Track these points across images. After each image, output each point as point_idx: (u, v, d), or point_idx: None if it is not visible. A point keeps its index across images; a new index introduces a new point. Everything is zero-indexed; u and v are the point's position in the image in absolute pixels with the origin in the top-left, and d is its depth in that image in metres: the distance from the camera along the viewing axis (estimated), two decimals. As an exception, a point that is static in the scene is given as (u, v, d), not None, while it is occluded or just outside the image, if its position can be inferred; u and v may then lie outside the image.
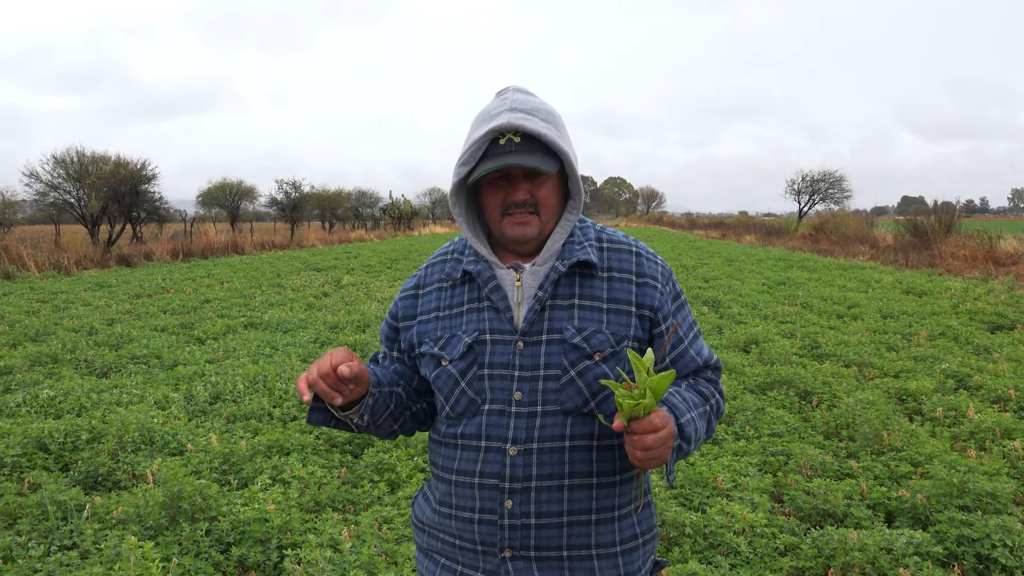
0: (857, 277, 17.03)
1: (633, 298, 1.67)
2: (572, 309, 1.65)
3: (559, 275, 1.65)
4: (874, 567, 3.53)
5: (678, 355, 1.73)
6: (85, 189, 28.63)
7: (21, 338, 9.95)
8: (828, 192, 50.45)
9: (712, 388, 1.74)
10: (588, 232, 1.73)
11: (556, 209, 1.69)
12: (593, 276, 1.68)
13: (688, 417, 1.59)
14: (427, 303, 1.76)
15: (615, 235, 1.76)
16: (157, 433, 5.39)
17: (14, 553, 3.73)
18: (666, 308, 1.70)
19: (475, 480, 1.63)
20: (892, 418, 5.71)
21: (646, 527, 1.74)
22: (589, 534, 1.63)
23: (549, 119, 1.64)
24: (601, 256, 1.70)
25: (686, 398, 1.64)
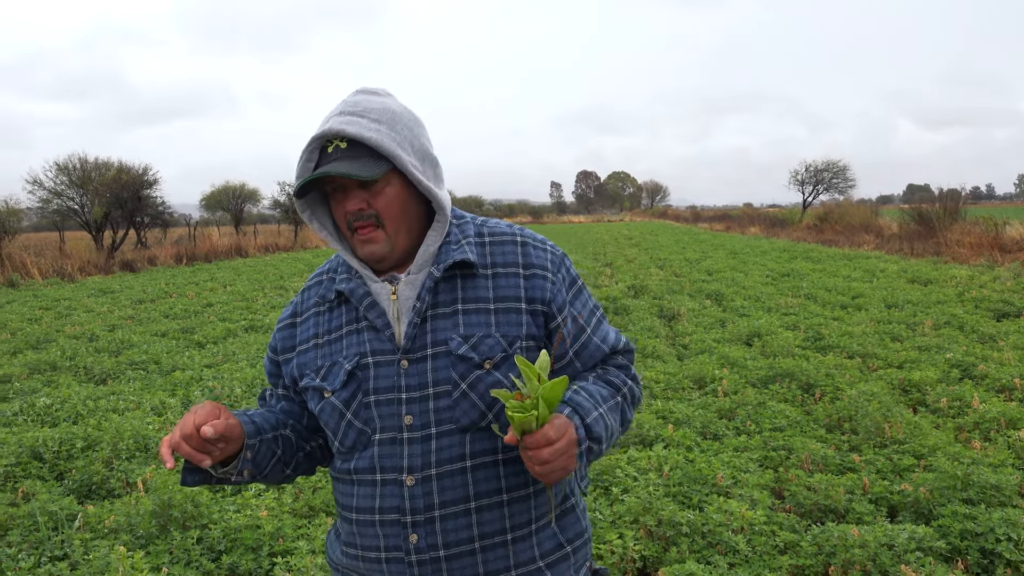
0: (862, 267, 16.92)
1: (522, 293, 1.53)
2: (456, 316, 1.51)
3: (435, 281, 1.51)
4: (875, 564, 3.47)
5: (581, 346, 1.59)
6: (88, 195, 28.70)
7: (22, 346, 9.94)
8: (832, 182, 50.30)
9: (624, 375, 1.61)
10: (467, 228, 1.59)
11: (408, 216, 1.54)
12: (475, 276, 1.54)
13: (596, 415, 1.45)
14: (305, 331, 1.63)
15: (497, 226, 1.62)
16: (152, 440, 5.36)
17: (3, 565, 3.69)
18: (560, 298, 1.56)
19: (375, 517, 1.50)
20: (895, 410, 5.63)
21: (573, 533, 1.59)
22: (507, 555, 1.49)
23: (382, 118, 1.49)
24: (483, 252, 1.56)
25: (593, 392, 1.50)
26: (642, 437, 5.32)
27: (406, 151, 1.49)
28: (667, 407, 5.95)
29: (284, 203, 41.92)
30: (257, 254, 30.95)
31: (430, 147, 1.57)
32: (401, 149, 1.48)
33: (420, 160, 1.52)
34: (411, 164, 1.48)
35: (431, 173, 1.54)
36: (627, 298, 12.51)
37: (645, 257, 22.57)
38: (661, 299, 12.45)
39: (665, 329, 9.94)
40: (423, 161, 1.53)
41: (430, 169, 1.55)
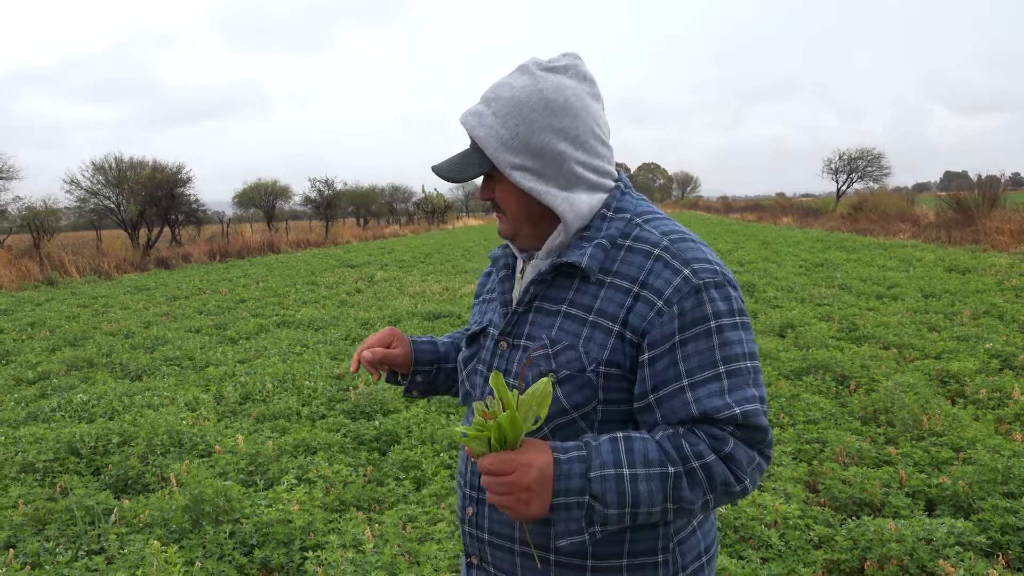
0: (897, 256, 16.63)
1: (622, 313, 1.35)
2: (557, 316, 1.41)
3: (543, 275, 1.44)
4: (912, 559, 3.39)
5: (665, 396, 1.32)
6: (124, 194, 29.17)
7: (60, 343, 10.13)
8: (866, 170, 49.47)
9: (705, 447, 1.28)
10: (613, 225, 1.43)
11: (529, 210, 1.45)
12: (590, 281, 1.40)
13: (611, 473, 1.25)
14: (482, 285, 1.73)
15: (649, 233, 1.41)
16: (186, 435, 5.42)
17: (42, 558, 3.76)
18: (658, 332, 1.32)
19: (458, 478, 1.57)
20: (933, 401, 5.52)
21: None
22: (547, 572, 1.41)
23: (502, 111, 1.39)
24: (608, 257, 1.40)
25: (633, 448, 1.27)
26: (673, 430, 5.27)
27: (513, 151, 1.39)
28: (698, 400, 5.88)
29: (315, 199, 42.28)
30: (289, 250, 31.22)
31: (558, 141, 1.39)
32: (506, 150, 1.39)
33: (536, 158, 1.39)
34: (511, 166, 1.39)
35: (552, 171, 1.40)
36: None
37: (676, 249, 22.36)
38: (692, 291, 12.32)
39: (696, 321, 9.83)
40: (540, 158, 1.39)
41: (554, 167, 1.40)
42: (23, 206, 26.95)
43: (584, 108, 1.40)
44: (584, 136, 1.41)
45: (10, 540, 4.00)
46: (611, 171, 1.48)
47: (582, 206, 1.42)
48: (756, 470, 1.31)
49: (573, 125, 1.39)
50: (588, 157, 1.42)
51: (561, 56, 1.45)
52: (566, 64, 1.43)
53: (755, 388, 1.31)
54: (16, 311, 13.93)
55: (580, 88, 1.41)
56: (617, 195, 1.47)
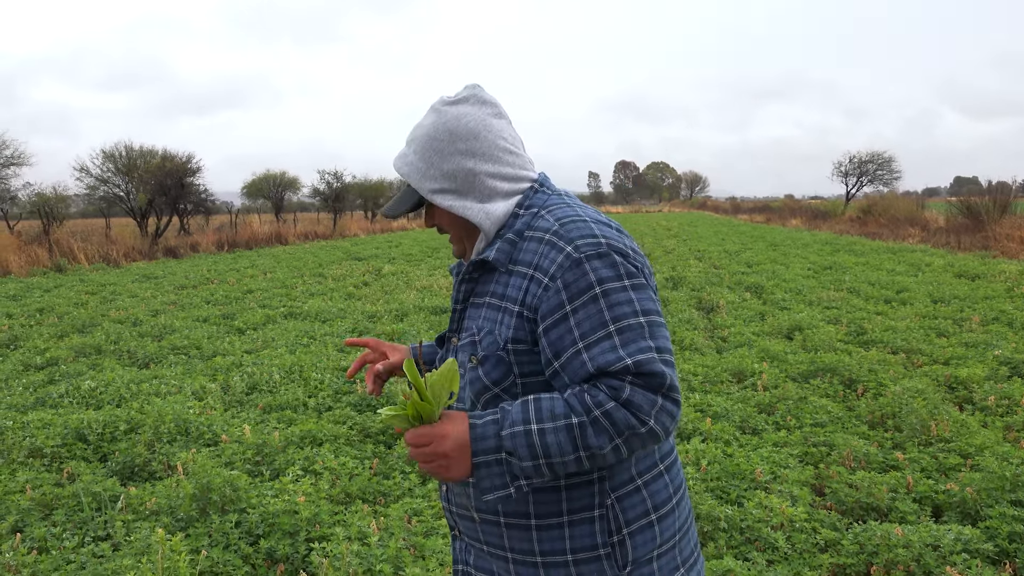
0: (906, 260, 16.57)
1: (520, 295, 1.52)
2: (483, 307, 1.60)
3: (468, 274, 1.63)
4: (919, 564, 3.38)
5: (565, 361, 1.46)
6: (133, 183, 29.23)
7: (68, 330, 10.16)
8: (877, 173, 49.28)
9: (604, 396, 1.40)
10: (520, 221, 1.60)
11: (458, 226, 1.65)
12: (501, 272, 1.58)
13: (516, 430, 1.40)
14: None
15: (543, 220, 1.57)
16: (193, 424, 5.43)
17: (49, 544, 3.77)
18: (546, 306, 1.47)
19: None
20: (941, 407, 5.50)
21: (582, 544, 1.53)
22: (501, 535, 1.58)
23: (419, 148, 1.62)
24: (512, 249, 1.57)
25: (542, 407, 1.42)
26: (680, 430, 5.26)
27: (431, 178, 1.60)
28: (705, 400, 5.88)
29: (323, 191, 42.30)
30: (296, 242, 31.27)
31: (465, 160, 1.59)
32: (425, 179, 1.60)
33: (450, 180, 1.59)
34: (431, 191, 1.60)
35: (466, 187, 1.60)
36: (665, 290, 12.39)
37: (684, 248, 22.35)
38: (700, 291, 12.32)
39: (704, 321, 9.83)
40: (454, 179, 1.59)
41: (467, 184, 1.59)
42: (33, 192, 27.07)
43: (486, 128, 1.60)
44: (489, 150, 1.60)
45: (17, 524, 4.02)
46: (524, 175, 1.65)
47: (497, 212, 1.60)
48: (662, 412, 1.41)
49: (476, 144, 1.59)
50: (498, 167, 1.61)
51: (463, 89, 1.65)
52: (466, 95, 1.63)
53: (650, 340, 1.43)
54: (25, 297, 13.99)
55: (480, 111, 1.61)
56: (530, 193, 1.63)
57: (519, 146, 1.67)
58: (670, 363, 1.44)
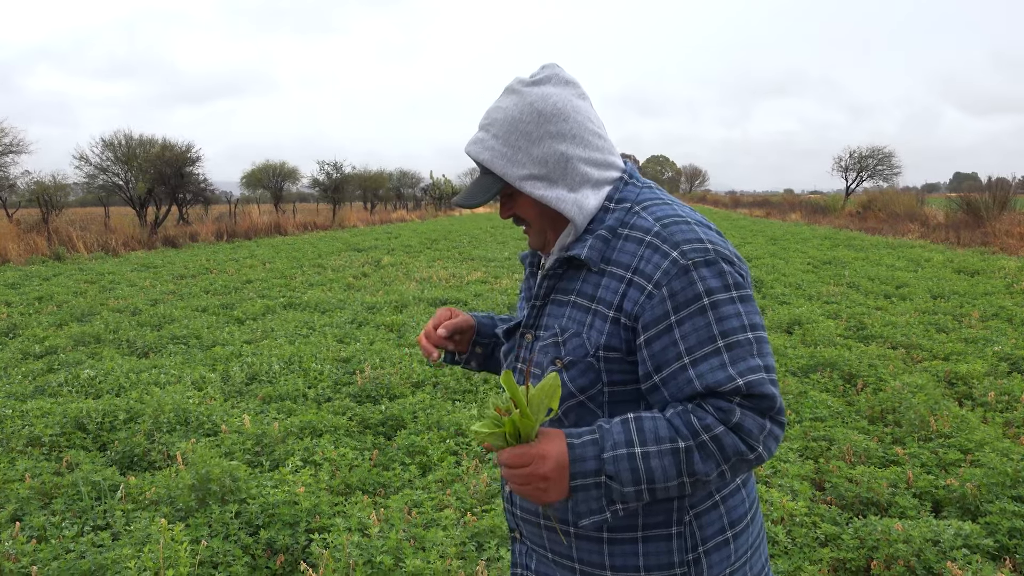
0: (906, 256, 16.57)
1: (617, 299, 1.42)
2: (567, 306, 1.51)
3: (553, 269, 1.54)
4: (919, 560, 3.38)
5: (668, 376, 1.37)
6: (132, 171, 29.14)
7: (67, 318, 10.14)
8: (877, 169, 49.21)
9: (712, 420, 1.32)
10: (613, 216, 1.50)
11: (548, 216, 1.54)
12: (592, 271, 1.48)
13: (622, 453, 1.32)
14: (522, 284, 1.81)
15: (642, 219, 1.46)
16: (192, 414, 5.43)
17: (48, 533, 3.77)
18: (650, 315, 1.38)
19: None
20: (941, 403, 5.50)
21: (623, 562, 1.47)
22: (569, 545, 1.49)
23: (500, 131, 1.50)
24: (606, 247, 1.48)
25: (644, 428, 1.34)
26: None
27: (519, 164, 1.49)
28: (705, 394, 5.87)
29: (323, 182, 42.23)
30: (296, 232, 31.22)
31: (557, 144, 1.48)
32: (513, 165, 1.49)
33: (541, 165, 1.49)
34: (520, 178, 1.49)
35: (558, 173, 1.49)
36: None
37: (683, 242, 22.32)
38: (699, 285, 12.30)
39: (703, 315, 9.81)
40: (544, 164, 1.48)
41: (560, 169, 1.49)
42: (32, 180, 26.98)
43: (574, 109, 1.50)
44: (580, 133, 1.50)
45: (16, 513, 4.01)
46: (614, 162, 1.55)
47: (589, 203, 1.50)
48: (769, 437, 1.34)
49: (567, 126, 1.49)
50: (589, 152, 1.50)
51: (541, 69, 1.55)
52: (547, 75, 1.52)
53: (759, 358, 1.35)
54: (24, 285, 13.96)
55: (565, 92, 1.51)
56: (620, 186, 1.54)
57: (605, 131, 1.56)
58: (776, 383, 1.36)
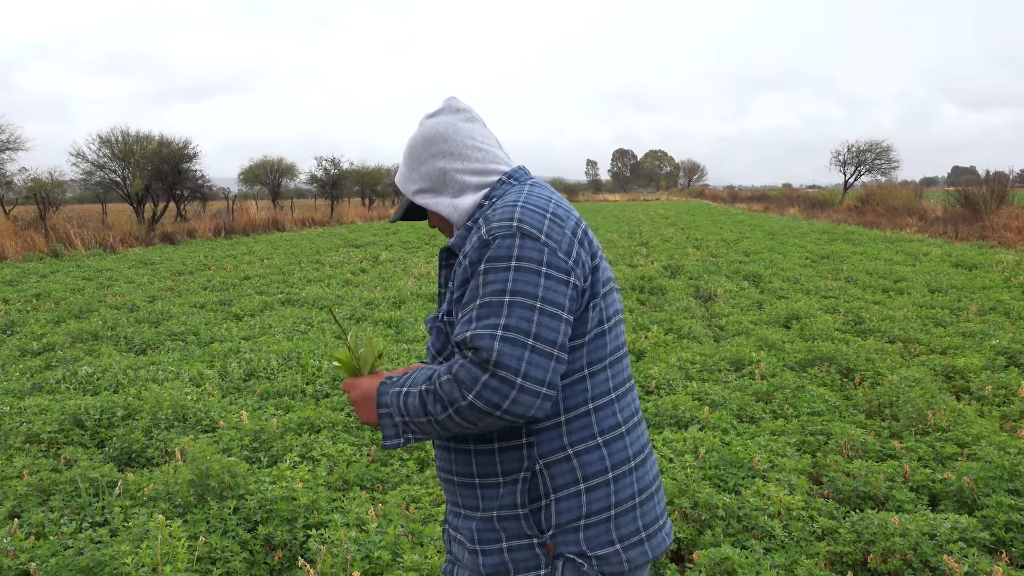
0: (904, 250, 16.58)
1: (455, 279, 1.67)
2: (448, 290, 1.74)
3: (441, 259, 1.79)
4: (916, 553, 3.39)
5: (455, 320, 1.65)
6: (130, 168, 29.09)
7: (65, 315, 10.14)
8: (875, 163, 49.17)
9: (444, 368, 1.54)
10: (482, 212, 1.72)
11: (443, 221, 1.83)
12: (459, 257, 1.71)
13: (395, 391, 1.62)
14: None
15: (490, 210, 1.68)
16: (190, 410, 5.43)
17: (46, 529, 3.77)
18: (457, 281, 1.64)
19: None
20: (938, 397, 5.51)
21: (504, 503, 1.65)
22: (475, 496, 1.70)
23: (405, 159, 1.84)
24: (468, 235, 1.70)
25: (417, 374, 1.62)
26: (677, 419, 5.27)
27: (412, 182, 1.82)
28: (703, 389, 5.88)
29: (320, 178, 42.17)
30: (294, 228, 31.20)
31: (437, 161, 1.78)
32: (409, 183, 1.82)
33: (427, 180, 1.79)
34: (412, 192, 1.81)
35: (440, 185, 1.78)
36: (663, 278, 12.39)
37: (681, 237, 22.34)
38: (697, 279, 12.31)
39: (701, 310, 9.83)
40: (430, 179, 1.79)
41: (440, 182, 1.78)
42: (29, 177, 26.94)
43: (456, 131, 1.79)
44: (459, 150, 1.77)
45: (15, 510, 4.01)
46: (494, 168, 1.78)
47: (464, 204, 1.76)
48: (485, 388, 1.47)
49: (447, 146, 1.78)
50: (467, 163, 1.77)
51: (441, 103, 1.86)
52: (443, 107, 1.84)
53: (501, 319, 1.49)
54: (21, 282, 13.94)
55: (452, 118, 1.81)
56: (497, 186, 1.76)
57: (491, 144, 1.82)
58: (514, 342, 1.47)
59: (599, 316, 1.65)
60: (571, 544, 1.61)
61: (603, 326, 1.65)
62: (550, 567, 1.61)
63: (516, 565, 1.62)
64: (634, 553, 1.65)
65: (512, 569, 1.63)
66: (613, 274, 1.83)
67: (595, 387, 1.65)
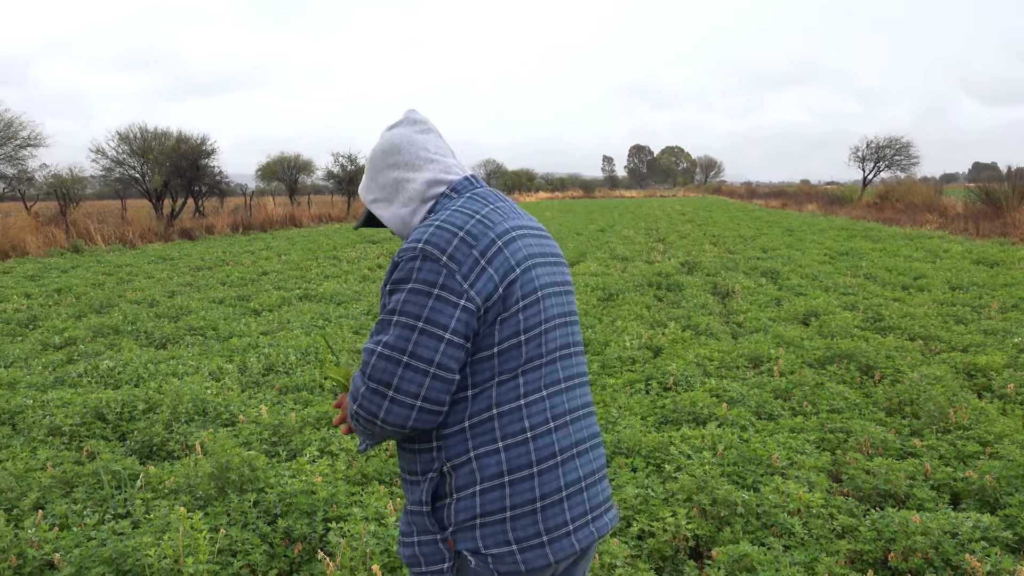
0: (924, 247, 16.43)
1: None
2: None
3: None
4: (937, 552, 3.37)
5: None
6: (148, 164, 29.29)
7: (86, 310, 10.24)
8: (894, 159, 48.73)
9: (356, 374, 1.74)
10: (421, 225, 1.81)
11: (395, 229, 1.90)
12: None
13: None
14: None
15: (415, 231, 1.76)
16: (210, 404, 5.47)
17: (70, 521, 3.81)
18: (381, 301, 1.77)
19: None
20: (959, 394, 5.47)
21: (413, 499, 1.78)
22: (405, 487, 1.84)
23: (367, 166, 1.92)
24: None
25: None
26: (695, 415, 5.25)
27: (372, 191, 1.90)
28: (721, 385, 5.86)
29: (337, 174, 42.31)
30: (311, 224, 31.34)
31: (391, 171, 1.86)
32: (369, 192, 1.91)
33: (382, 190, 1.88)
34: (370, 202, 1.90)
35: (392, 194, 1.87)
36: (680, 274, 12.35)
37: (698, 233, 22.25)
38: (715, 276, 12.26)
39: (719, 306, 9.79)
40: (384, 189, 1.88)
41: (393, 192, 1.87)
42: (49, 174, 27.17)
43: (410, 143, 1.88)
44: (412, 160, 1.86)
45: (39, 501, 4.06)
46: (443, 179, 1.85)
47: (407, 216, 1.85)
48: (363, 398, 1.67)
49: (400, 157, 1.86)
50: (416, 173, 1.85)
51: (401, 115, 1.95)
52: (401, 119, 1.93)
53: (387, 336, 1.66)
54: (42, 277, 14.09)
55: (408, 130, 1.90)
56: (442, 199, 1.83)
57: (444, 154, 1.90)
58: (388, 358, 1.63)
59: (514, 328, 1.69)
60: (468, 541, 1.70)
61: (519, 337, 1.70)
62: (452, 561, 1.71)
63: (426, 558, 1.74)
64: (531, 555, 1.69)
65: (423, 561, 1.74)
66: (568, 278, 1.90)
67: (501, 395, 1.70)
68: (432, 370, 1.63)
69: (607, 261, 14.98)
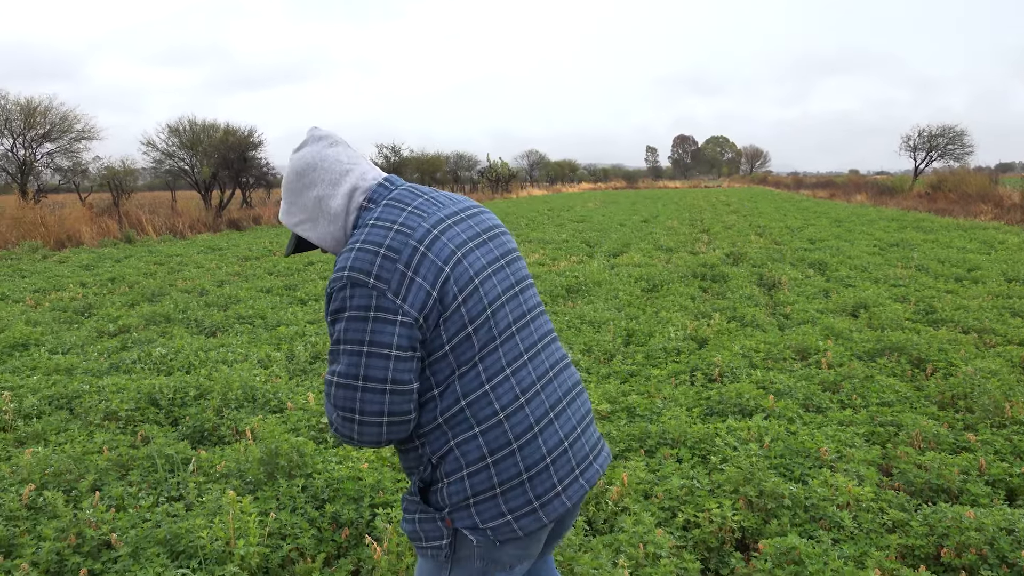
0: (978, 238, 15.99)
1: None
2: None
3: None
4: (992, 548, 3.29)
5: None
6: (197, 156, 29.87)
7: (139, 298, 10.49)
8: (947, 148, 47.47)
9: None
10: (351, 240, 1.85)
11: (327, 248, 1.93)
12: None
13: None
14: None
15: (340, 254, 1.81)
16: (259, 391, 5.57)
17: (126, 502, 3.92)
18: None
19: None
20: (1016, 388, 5.32)
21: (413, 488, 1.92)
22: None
23: (283, 195, 1.93)
24: None
25: None
26: (741, 407, 5.20)
27: (294, 215, 1.90)
28: (767, 377, 5.79)
29: (381, 165, 42.62)
30: (355, 215, 31.59)
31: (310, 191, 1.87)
32: (289, 216, 1.91)
33: (303, 211, 1.89)
34: (292, 225, 1.91)
35: (316, 213, 1.87)
36: (725, 265, 12.20)
37: (744, 224, 21.95)
38: (761, 267, 12.10)
39: (765, 298, 9.66)
40: (305, 210, 1.88)
41: (317, 210, 1.87)
42: (103, 166, 27.87)
43: (322, 158, 1.88)
44: (327, 176, 1.87)
45: (96, 483, 4.18)
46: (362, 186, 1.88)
47: (337, 232, 1.87)
48: (337, 423, 1.77)
49: (316, 175, 1.87)
50: (336, 188, 1.86)
51: (305, 135, 1.96)
52: (306, 139, 1.94)
53: (339, 365, 1.74)
54: (97, 266, 14.47)
55: (316, 147, 1.90)
56: (362, 213, 1.85)
57: (357, 161, 1.92)
58: (346, 386, 1.72)
59: (459, 323, 1.75)
60: (465, 519, 1.81)
61: (467, 329, 1.76)
62: (450, 538, 1.84)
63: (426, 534, 1.87)
64: (526, 521, 1.80)
65: (423, 537, 1.88)
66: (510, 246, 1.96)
67: (465, 385, 1.78)
68: (388, 387, 1.71)
69: (651, 252, 14.87)
